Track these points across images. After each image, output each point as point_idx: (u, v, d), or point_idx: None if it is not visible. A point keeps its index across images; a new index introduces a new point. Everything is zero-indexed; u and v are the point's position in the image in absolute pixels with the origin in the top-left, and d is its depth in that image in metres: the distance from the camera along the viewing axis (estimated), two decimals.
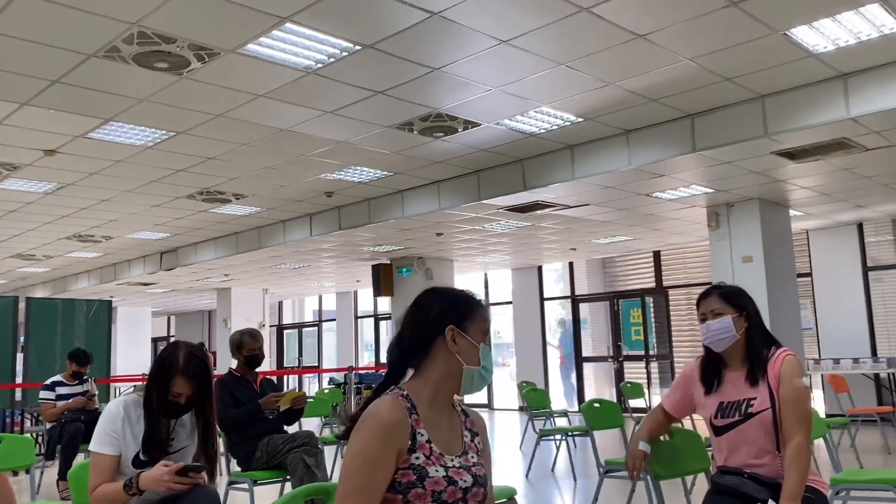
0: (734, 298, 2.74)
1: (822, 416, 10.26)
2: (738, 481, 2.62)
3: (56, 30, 4.45)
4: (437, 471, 1.71)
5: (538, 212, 9.18)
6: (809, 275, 11.23)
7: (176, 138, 6.61)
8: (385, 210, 9.39)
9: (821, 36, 4.96)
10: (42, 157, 7.05)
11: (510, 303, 15.20)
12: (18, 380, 9.90)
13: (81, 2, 4.12)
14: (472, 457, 1.82)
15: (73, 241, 11.65)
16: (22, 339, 10.22)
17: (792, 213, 9.59)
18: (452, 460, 1.76)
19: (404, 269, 12.87)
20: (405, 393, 1.79)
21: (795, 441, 2.55)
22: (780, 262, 9.13)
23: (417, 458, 1.71)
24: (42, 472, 7.11)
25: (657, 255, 13.39)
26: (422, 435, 1.74)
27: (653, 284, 13.51)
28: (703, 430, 3.02)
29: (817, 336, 11.11)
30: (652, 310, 13.48)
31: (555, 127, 6.73)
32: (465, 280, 15.22)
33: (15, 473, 7.41)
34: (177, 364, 2.58)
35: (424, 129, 6.62)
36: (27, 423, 9.73)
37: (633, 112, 6.40)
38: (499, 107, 6.12)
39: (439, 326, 1.81)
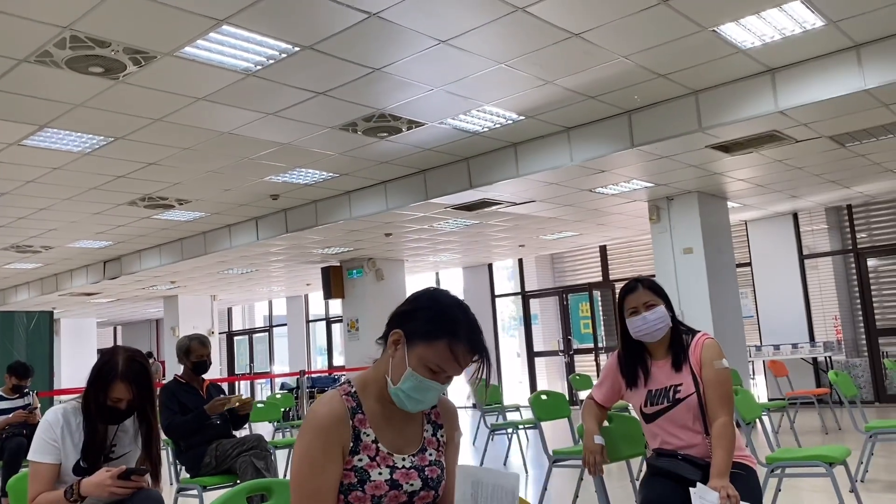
0: (660, 290, 2.84)
1: (765, 399, 10.61)
2: (673, 463, 2.71)
3: None
4: (380, 473, 1.64)
5: (485, 209, 9.28)
6: (749, 264, 11.59)
7: (114, 144, 6.49)
8: (332, 212, 9.36)
9: (748, 32, 5.15)
10: None
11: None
12: None
13: (8, 5, 4.04)
14: (430, 454, 1.73)
15: (10, 252, 11.31)
16: None
17: (730, 204, 9.90)
18: (403, 460, 1.68)
19: (354, 271, 12.84)
20: (353, 390, 1.71)
21: (720, 420, 2.66)
22: (719, 253, 9.41)
23: (361, 459, 1.64)
24: None
25: (603, 250, 13.65)
26: (367, 435, 1.67)
27: (600, 278, 13.76)
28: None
29: (758, 323, 11.48)
30: (600, 303, 13.74)
31: (497, 125, 6.82)
32: (417, 280, 15.27)
33: None
34: (116, 369, 2.56)
35: (368, 130, 6.64)
36: None
37: (572, 109, 6.53)
38: (441, 106, 6.18)
39: (396, 323, 1.71)
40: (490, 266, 15.06)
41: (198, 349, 4.80)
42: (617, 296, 2.91)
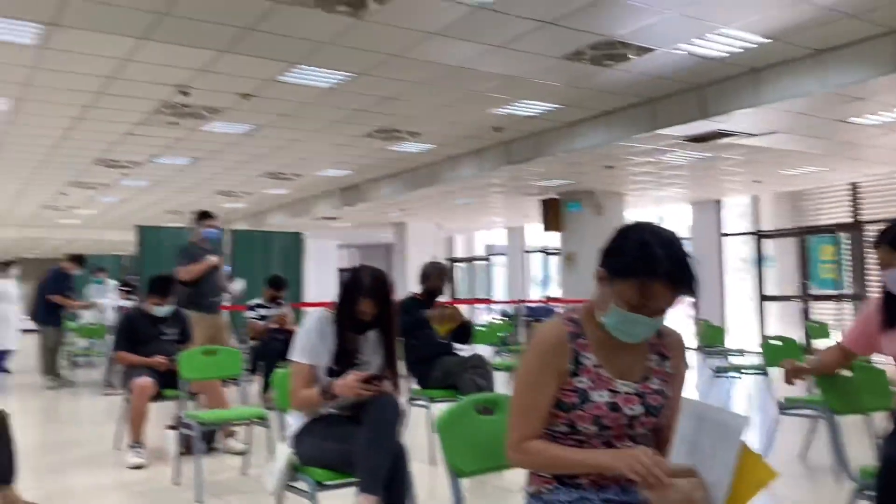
0: None
1: None
2: None
3: None
4: (600, 396, 1.72)
5: (719, 141, 8.71)
6: None
7: (356, 80, 6.95)
8: (553, 144, 9.32)
9: None
10: (239, 100, 7.70)
11: (689, 239, 14.65)
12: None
13: None
14: (654, 382, 1.78)
15: (266, 179, 12.69)
16: (229, 268, 11.39)
17: None
18: (625, 386, 1.74)
19: (573, 204, 12.76)
20: (576, 316, 1.79)
21: None
22: None
23: (581, 381, 1.73)
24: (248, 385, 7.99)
25: (854, 187, 12.27)
26: (588, 359, 1.74)
27: (849, 219, 12.43)
28: (889, 370, 2.85)
29: None
30: (847, 246, 12.45)
31: (738, 50, 6.31)
32: (638, 215, 14.82)
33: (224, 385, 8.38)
34: (361, 285, 2.84)
35: (594, 58, 6.46)
36: (233, 342, 10.92)
37: (827, 29, 5.85)
38: (675, 30, 5.84)
39: (602, 259, 1.75)
40: (719, 202, 14.20)
41: (435, 280, 5.22)
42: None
